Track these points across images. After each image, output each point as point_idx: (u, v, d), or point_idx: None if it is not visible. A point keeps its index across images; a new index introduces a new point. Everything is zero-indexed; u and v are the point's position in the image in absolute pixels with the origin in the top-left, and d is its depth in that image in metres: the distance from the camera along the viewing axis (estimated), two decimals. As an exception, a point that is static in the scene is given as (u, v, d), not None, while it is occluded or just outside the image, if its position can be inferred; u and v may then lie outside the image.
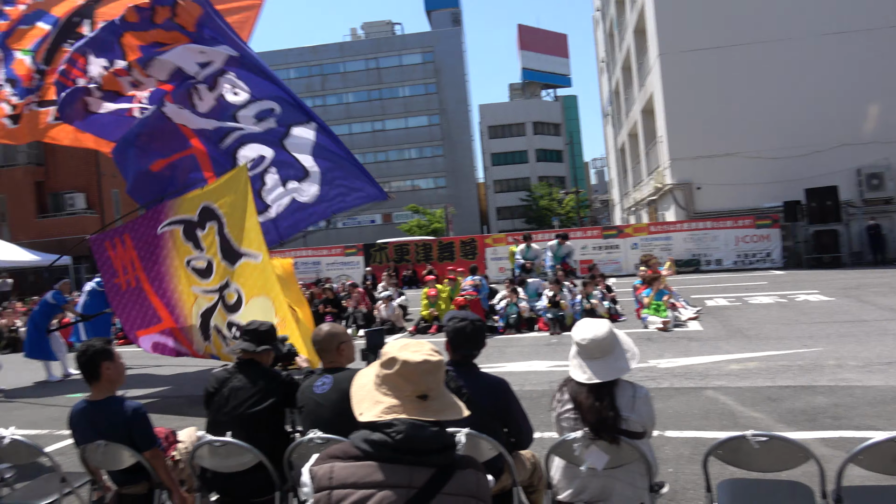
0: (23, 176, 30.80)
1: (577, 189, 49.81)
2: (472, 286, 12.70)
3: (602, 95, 47.29)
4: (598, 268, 14.06)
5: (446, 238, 28.36)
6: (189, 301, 7.74)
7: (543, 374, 7.81)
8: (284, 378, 3.57)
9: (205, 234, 7.63)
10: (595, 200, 71.33)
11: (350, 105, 67.38)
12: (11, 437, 3.52)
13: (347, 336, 3.52)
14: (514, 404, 3.10)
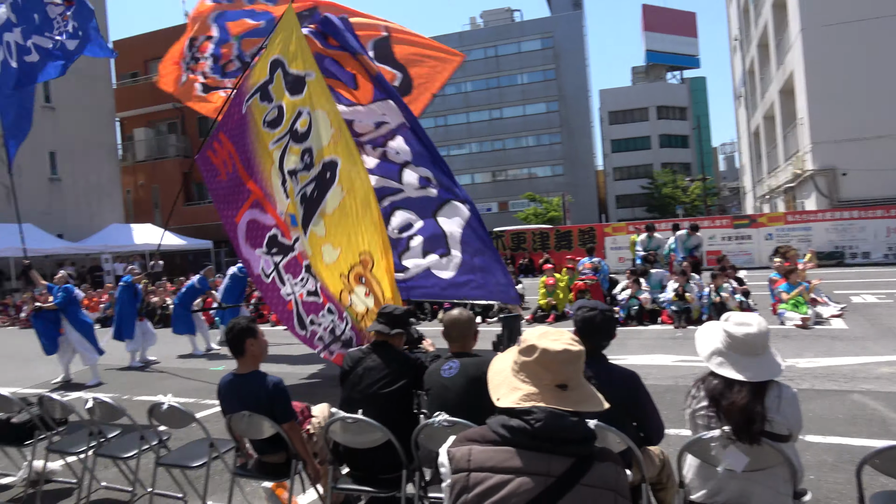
0: (173, 167, 33.60)
1: (704, 176, 47.09)
2: (591, 269, 12.46)
3: (734, 76, 44.42)
4: (727, 259, 13.30)
5: (564, 227, 27.92)
6: (268, 163, 7.71)
7: (667, 369, 7.53)
8: (415, 361, 3.68)
9: (273, 85, 7.68)
10: (723, 188, 67.34)
11: (468, 94, 67.68)
12: (169, 403, 3.89)
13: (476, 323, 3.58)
14: (646, 398, 3.02)
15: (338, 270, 7.13)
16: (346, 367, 3.73)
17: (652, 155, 61.70)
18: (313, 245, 7.27)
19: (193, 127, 33.51)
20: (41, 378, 9.33)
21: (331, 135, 7.31)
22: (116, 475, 4.76)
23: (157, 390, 7.96)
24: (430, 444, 3.17)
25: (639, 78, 70.55)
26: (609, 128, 63.44)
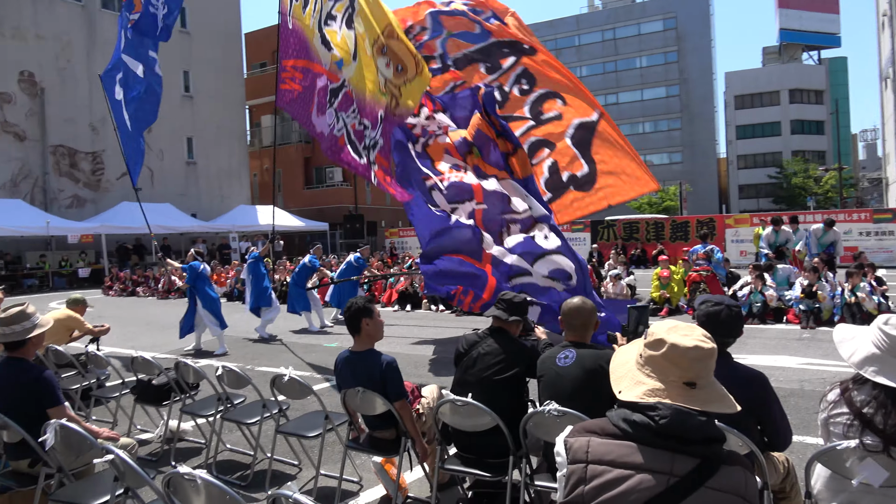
0: (295, 153, 35.32)
1: (841, 165, 43.24)
2: (704, 259, 11.78)
3: (881, 56, 40.39)
4: (865, 256, 12.19)
5: (680, 217, 26.71)
6: (310, 35, 8.19)
7: (793, 372, 7.05)
8: (530, 350, 3.66)
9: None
10: (862, 179, 61.76)
11: (583, 79, 65.94)
12: (290, 375, 4.11)
13: None
14: (773, 401, 2.83)
15: (369, 71, 7.15)
16: (461, 349, 3.77)
17: (781, 142, 57.46)
18: (356, 71, 7.36)
19: (314, 113, 34.96)
20: (176, 345, 10.15)
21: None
22: (239, 438, 5.11)
23: (277, 362, 8.46)
24: (539, 432, 3.16)
25: (770, 59, 65.81)
26: (734, 113, 59.61)
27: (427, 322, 12.05)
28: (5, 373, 3.53)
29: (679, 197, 43.09)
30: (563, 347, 3.31)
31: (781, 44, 62.93)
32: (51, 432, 3.10)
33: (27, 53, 24.95)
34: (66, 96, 26.04)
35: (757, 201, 55.54)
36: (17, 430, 3.31)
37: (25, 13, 24.93)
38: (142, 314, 14.62)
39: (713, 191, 59.67)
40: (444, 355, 8.72)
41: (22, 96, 24.88)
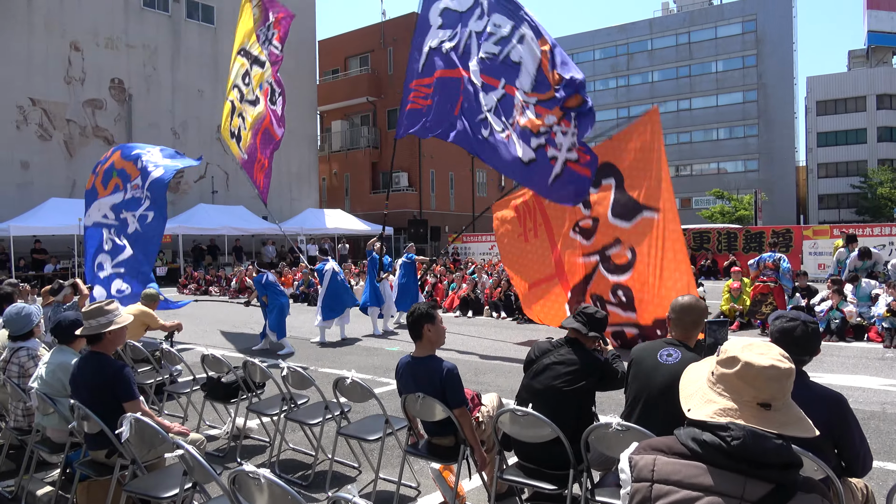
0: (363, 157, 35.98)
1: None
2: (772, 269, 11.14)
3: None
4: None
5: (755, 227, 25.69)
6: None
7: (873, 393, 6.67)
8: (604, 363, 3.61)
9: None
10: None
11: (654, 84, 64.58)
12: (352, 378, 4.19)
13: None
14: (853, 424, 2.68)
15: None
16: (532, 355, 3.75)
17: (867, 150, 54.35)
18: None
19: (384, 120, 35.55)
20: (246, 344, 10.50)
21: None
22: (301, 439, 5.23)
23: (339, 364, 8.63)
24: (600, 445, 3.10)
25: (857, 63, 62.39)
26: (816, 119, 56.83)
27: (488, 329, 12.03)
28: (86, 367, 3.74)
29: (754, 206, 41.33)
30: (666, 344, 3.18)
31: (869, 47, 59.58)
32: (126, 425, 3.26)
33: (118, 61, 26.43)
34: (150, 102, 27.43)
35: (838, 212, 52.82)
36: (96, 422, 3.49)
37: (118, 24, 26.43)
38: (213, 313, 15.18)
39: (791, 200, 57.10)
40: (504, 363, 8.68)
41: (112, 102, 26.37)
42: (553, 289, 9.89)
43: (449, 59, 9.36)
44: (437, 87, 9.56)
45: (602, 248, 8.93)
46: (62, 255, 22.07)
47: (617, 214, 8.71)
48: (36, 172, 24.15)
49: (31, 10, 24.06)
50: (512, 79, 8.51)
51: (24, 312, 4.53)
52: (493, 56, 8.74)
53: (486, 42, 8.84)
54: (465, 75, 9.07)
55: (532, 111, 8.26)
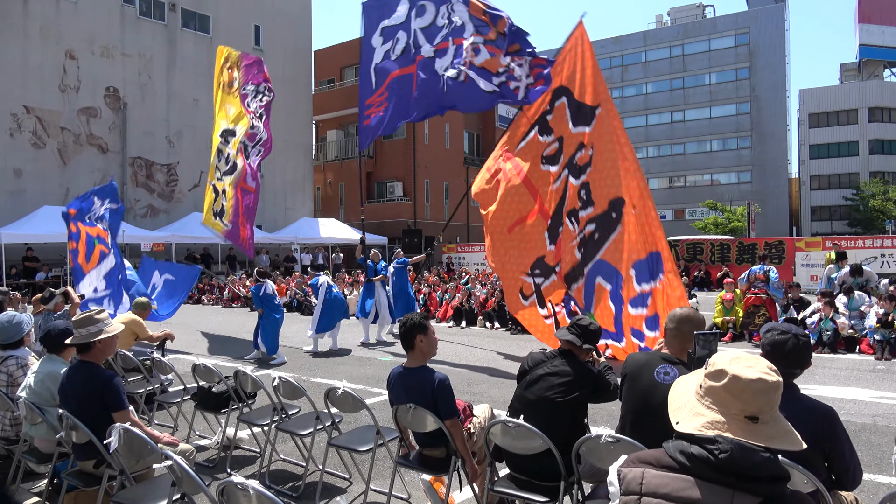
0: (357, 167, 36.01)
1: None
2: (763, 280, 11.28)
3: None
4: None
5: (748, 238, 25.81)
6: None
7: (864, 406, 6.69)
8: (597, 375, 3.60)
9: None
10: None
11: (648, 96, 65.01)
12: (344, 389, 4.18)
13: None
14: (842, 437, 2.68)
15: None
16: (526, 365, 3.74)
17: (859, 162, 54.78)
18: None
19: (377, 129, 35.61)
20: (236, 353, 10.46)
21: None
22: (292, 449, 5.21)
23: (331, 374, 8.60)
24: (592, 458, 3.09)
25: (849, 76, 62.97)
26: (808, 131, 57.28)
27: (481, 339, 12.02)
28: (76, 376, 3.72)
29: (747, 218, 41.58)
30: (663, 360, 3.14)
31: (861, 60, 60.20)
32: (115, 435, 3.24)
33: (113, 70, 26.43)
34: (145, 110, 27.42)
35: (830, 224, 53.13)
36: (84, 431, 3.47)
37: (114, 32, 26.47)
38: (205, 322, 15.12)
39: (783, 212, 57.42)
40: (497, 374, 8.67)
41: (106, 110, 26.34)
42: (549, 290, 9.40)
43: (402, 59, 10.05)
44: (393, 89, 10.19)
45: (568, 159, 8.92)
46: (54, 262, 21.97)
47: (578, 123, 8.86)
48: (29, 180, 24.07)
49: (27, 18, 24.07)
50: (459, 34, 9.30)
51: (15, 321, 4.50)
52: (441, 30, 9.58)
53: (435, 30, 9.67)
54: (417, 66, 9.76)
55: (486, 51, 8.96)
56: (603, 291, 8.26)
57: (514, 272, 9.25)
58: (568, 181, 8.83)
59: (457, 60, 9.20)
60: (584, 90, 8.78)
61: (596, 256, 8.38)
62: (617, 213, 8.17)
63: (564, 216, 8.78)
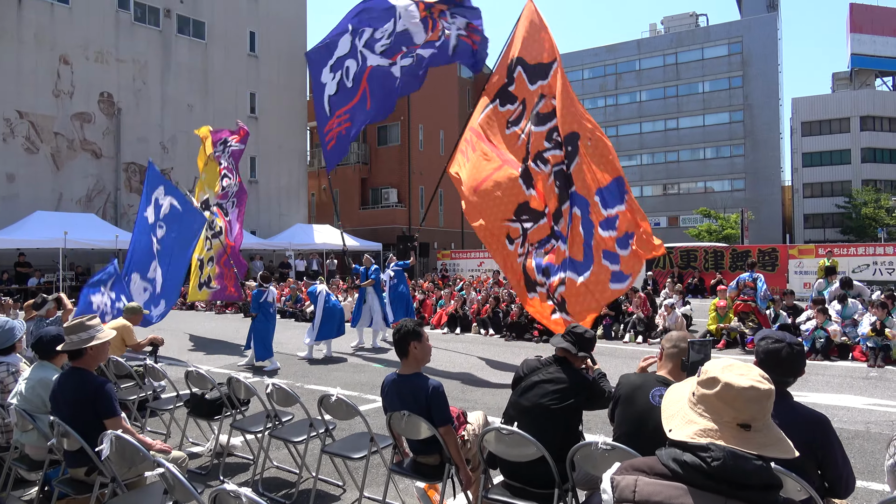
0: (352, 173, 36.03)
1: (915, 196, 41.18)
2: (751, 288, 11.43)
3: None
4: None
5: (741, 246, 25.91)
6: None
7: (858, 412, 6.71)
8: (592, 382, 3.60)
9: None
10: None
11: (642, 104, 65.36)
12: (337, 396, 4.16)
13: None
14: (835, 445, 2.69)
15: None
16: (521, 372, 3.74)
17: (851, 170, 55.17)
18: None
19: (373, 136, 35.66)
20: (230, 360, 10.41)
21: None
22: (286, 456, 5.18)
23: (325, 381, 8.57)
24: (586, 465, 3.09)
25: (841, 85, 63.51)
26: (801, 140, 57.68)
27: (476, 346, 12.01)
28: (67, 383, 3.69)
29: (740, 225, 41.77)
30: (658, 382, 3.13)
31: (853, 69, 60.76)
32: (107, 443, 3.22)
33: (108, 75, 26.39)
34: (139, 116, 27.37)
35: (823, 231, 53.42)
36: (76, 439, 3.45)
37: (108, 38, 26.44)
38: (198, 328, 15.06)
39: (777, 219, 57.73)
40: (491, 380, 8.66)
41: (100, 116, 26.28)
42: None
43: (355, 82, 10.88)
44: (354, 111, 11.01)
45: (531, 112, 9.30)
46: (46, 268, 21.84)
47: (535, 80, 9.31)
48: (22, 185, 23.96)
49: (21, 24, 24.02)
50: (408, 42, 10.38)
51: (8, 326, 4.47)
52: (388, 43, 10.53)
53: (380, 41, 10.56)
54: (366, 78, 10.67)
55: (425, 31, 10.29)
56: (576, 219, 8.33)
57: (496, 222, 9.12)
58: (532, 131, 9.17)
59: (408, 54, 10.40)
60: (539, 53, 9.30)
61: (570, 188, 8.57)
62: (573, 146, 8.45)
63: (531, 161, 9.03)
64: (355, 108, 10.90)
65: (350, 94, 10.83)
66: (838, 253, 18.67)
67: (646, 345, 11.67)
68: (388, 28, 10.41)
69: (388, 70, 10.52)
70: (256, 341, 9.74)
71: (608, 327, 12.57)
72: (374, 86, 10.62)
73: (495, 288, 16.22)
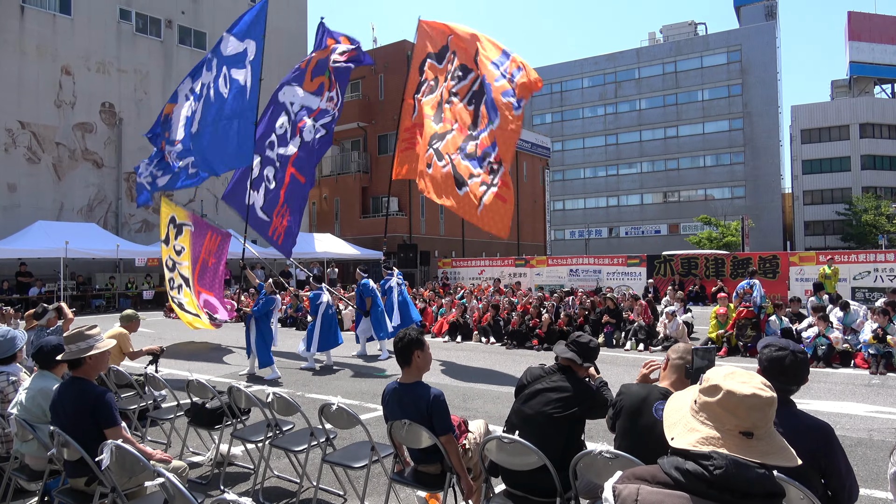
0: (353, 182, 36.08)
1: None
2: (750, 295, 11.55)
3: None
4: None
5: (742, 253, 25.91)
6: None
7: (860, 420, 6.68)
8: (595, 391, 3.59)
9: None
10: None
11: (642, 112, 65.54)
12: (338, 404, 4.15)
13: None
14: (839, 454, 2.68)
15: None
16: (524, 380, 3.73)
17: (851, 177, 55.24)
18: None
19: (374, 145, 35.73)
20: (231, 369, 10.39)
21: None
22: (286, 466, 5.16)
23: (326, 390, 8.55)
24: (589, 473, 3.07)
25: (840, 92, 63.73)
26: (801, 147, 57.78)
27: (477, 354, 11.99)
28: (67, 392, 3.68)
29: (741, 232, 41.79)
30: (662, 396, 3.11)
31: (852, 77, 60.96)
32: (107, 452, 3.21)
33: (109, 86, 26.53)
34: (141, 126, 27.42)
35: (824, 238, 53.43)
36: (76, 448, 3.44)
37: (110, 49, 26.59)
38: (199, 337, 15.03)
39: (777, 227, 57.77)
40: (493, 389, 8.64)
41: (102, 126, 26.39)
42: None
43: (278, 181, 12.25)
44: (289, 197, 12.26)
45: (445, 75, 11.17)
46: (48, 277, 21.86)
47: (440, 61, 11.42)
48: (23, 195, 24.03)
49: (24, 35, 24.15)
50: (308, 111, 12.37)
51: (10, 336, 4.47)
52: (290, 127, 12.34)
53: (285, 133, 12.29)
54: (292, 164, 12.26)
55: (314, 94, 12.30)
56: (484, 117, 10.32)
57: (422, 158, 11.03)
58: (447, 86, 10.91)
59: (316, 116, 12.17)
60: (440, 41, 11.15)
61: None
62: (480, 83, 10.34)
63: (444, 103, 10.89)
64: (289, 194, 11.98)
65: (277, 190, 11.93)
66: (839, 260, 18.64)
67: (647, 352, 11.65)
68: (283, 121, 12.02)
69: (305, 143, 12.02)
70: (261, 347, 9.69)
71: (609, 335, 12.55)
72: (300, 162, 12.02)
73: (496, 296, 16.21)
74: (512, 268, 26.17)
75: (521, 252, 38.42)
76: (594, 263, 24.53)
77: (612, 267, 23.95)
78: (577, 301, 14.88)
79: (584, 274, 23.93)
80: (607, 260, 24.62)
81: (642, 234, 64.17)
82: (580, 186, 68.83)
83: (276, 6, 32.76)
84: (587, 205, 68.89)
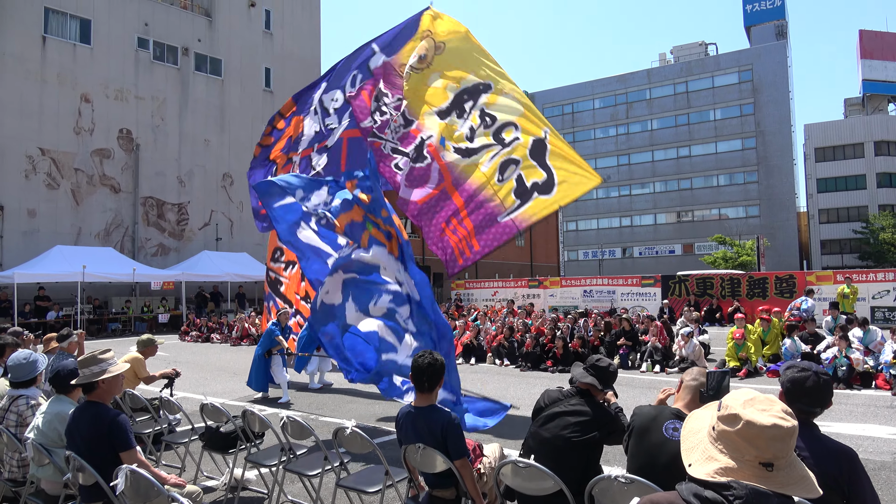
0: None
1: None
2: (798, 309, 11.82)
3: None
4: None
5: (758, 273, 25.65)
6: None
7: (883, 443, 6.55)
8: (613, 416, 3.57)
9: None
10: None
11: (654, 132, 65.58)
12: (352, 428, 4.14)
13: None
14: (864, 480, 2.60)
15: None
16: (542, 403, 3.72)
17: (867, 195, 54.71)
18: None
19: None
20: (245, 392, 10.40)
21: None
22: (300, 490, 5.13)
23: (339, 413, 8.53)
24: (604, 499, 3.03)
25: (853, 111, 63.44)
26: (815, 165, 57.43)
27: (491, 376, 11.91)
28: (82, 417, 3.70)
29: (756, 252, 41.45)
30: (672, 416, 3.09)
31: (865, 95, 60.72)
32: (122, 477, 3.22)
33: (127, 112, 27.02)
34: (157, 151, 27.91)
35: (841, 257, 52.84)
36: (91, 473, 3.45)
37: (128, 76, 27.13)
38: (214, 360, 15.08)
39: (793, 246, 57.22)
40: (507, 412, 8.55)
41: (119, 151, 26.82)
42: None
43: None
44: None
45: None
46: (65, 302, 22.09)
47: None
48: (42, 220, 24.40)
49: (45, 64, 24.71)
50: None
51: (31, 359, 4.52)
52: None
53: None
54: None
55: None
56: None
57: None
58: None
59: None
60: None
61: None
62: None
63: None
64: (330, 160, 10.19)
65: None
66: (857, 279, 18.41)
67: (663, 374, 11.52)
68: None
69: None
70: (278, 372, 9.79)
71: (625, 356, 12.44)
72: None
73: (510, 317, 16.14)
74: (525, 289, 26.08)
75: (534, 273, 38.30)
76: (608, 284, 24.37)
77: (626, 287, 23.79)
78: (591, 322, 14.77)
79: (599, 295, 23.78)
80: (621, 280, 24.46)
81: (656, 254, 63.82)
82: (593, 206, 68.74)
83: (292, 32, 33.36)
84: (600, 225, 68.74)
